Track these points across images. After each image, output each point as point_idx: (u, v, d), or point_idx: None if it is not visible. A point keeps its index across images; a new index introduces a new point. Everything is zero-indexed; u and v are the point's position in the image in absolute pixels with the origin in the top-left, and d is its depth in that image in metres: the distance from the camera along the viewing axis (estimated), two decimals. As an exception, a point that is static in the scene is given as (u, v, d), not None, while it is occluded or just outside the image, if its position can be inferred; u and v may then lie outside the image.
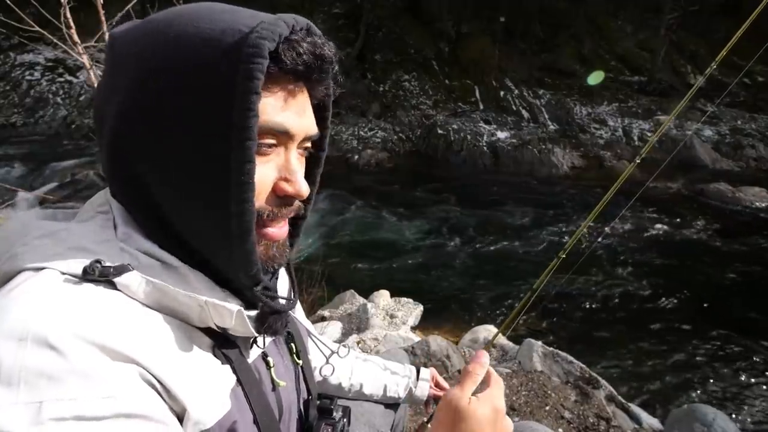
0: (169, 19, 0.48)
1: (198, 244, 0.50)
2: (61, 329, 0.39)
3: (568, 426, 2.12)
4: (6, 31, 2.31)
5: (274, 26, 0.45)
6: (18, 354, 0.36)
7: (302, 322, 0.77)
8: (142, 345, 0.42)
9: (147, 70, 0.47)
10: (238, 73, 0.44)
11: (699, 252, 6.28)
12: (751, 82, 13.24)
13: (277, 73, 0.47)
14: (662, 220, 7.28)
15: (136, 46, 0.48)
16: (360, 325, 2.99)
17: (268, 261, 0.53)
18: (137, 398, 0.40)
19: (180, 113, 0.46)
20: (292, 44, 0.47)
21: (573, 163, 10.00)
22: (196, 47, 0.45)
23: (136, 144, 0.48)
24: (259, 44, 0.44)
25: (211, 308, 0.47)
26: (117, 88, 0.48)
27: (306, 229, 0.64)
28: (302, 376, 0.71)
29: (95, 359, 0.39)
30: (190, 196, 0.48)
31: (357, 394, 0.99)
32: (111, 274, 0.44)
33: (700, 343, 4.25)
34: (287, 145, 0.51)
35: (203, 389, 0.47)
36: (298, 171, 0.52)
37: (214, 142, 0.45)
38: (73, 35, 1.84)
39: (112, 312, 0.43)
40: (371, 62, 12.73)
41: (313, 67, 0.49)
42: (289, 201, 0.53)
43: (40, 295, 0.41)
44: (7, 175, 7.82)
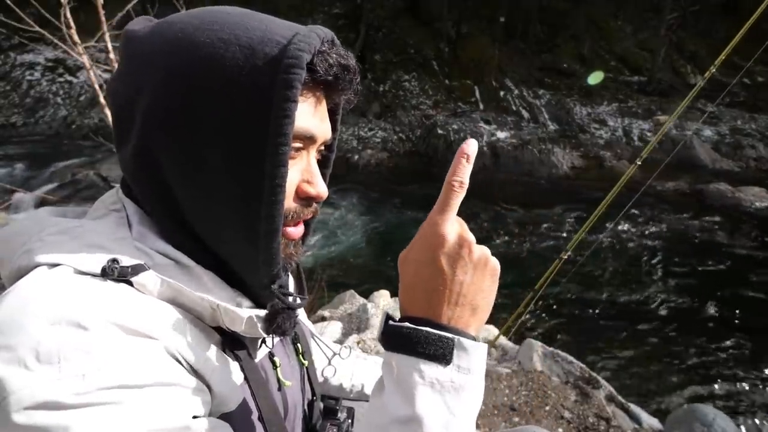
0: (195, 24, 0.49)
1: (218, 245, 0.52)
2: (90, 312, 0.40)
3: (568, 426, 2.12)
4: (6, 31, 2.32)
5: (309, 38, 0.47)
6: (54, 334, 0.38)
7: (305, 323, 0.78)
8: (161, 327, 0.44)
9: (178, 75, 0.47)
10: (277, 82, 0.45)
11: (699, 252, 6.28)
12: (751, 82, 13.25)
13: (310, 83, 0.49)
14: (662, 221, 7.28)
15: (163, 48, 0.48)
16: (360, 325, 2.99)
17: (286, 259, 0.55)
18: (168, 368, 0.43)
19: (215, 119, 0.46)
20: (324, 56, 0.49)
21: (573, 163, 10.00)
22: (234, 55, 0.46)
23: (165, 147, 0.48)
24: (299, 56, 0.46)
25: (223, 312, 0.48)
26: (143, 90, 0.48)
27: None
28: (307, 377, 0.72)
29: (126, 336, 0.41)
30: (219, 200, 0.49)
31: (358, 394, 0.98)
32: (129, 274, 0.45)
33: (700, 344, 4.25)
34: (309, 148, 0.53)
35: (222, 374, 0.49)
36: (318, 173, 0.54)
37: (249, 147, 0.46)
38: (73, 35, 1.84)
39: (132, 301, 0.44)
40: (371, 62, 12.72)
41: (340, 77, 0.51)
42: (309, 202, 0.55)
43: (64, 285, 0.43)
44: (7, 175, 7.82)
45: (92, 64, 1.92)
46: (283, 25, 0.50)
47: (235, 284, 0.54)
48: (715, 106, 11.49)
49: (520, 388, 2.31)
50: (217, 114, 0.46)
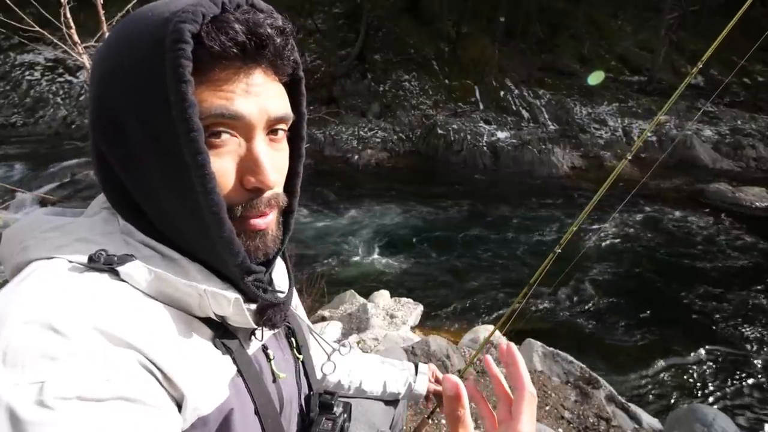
0: (127, 18, 0.48)
1: (182, 241, 0.51)
2: (65, 314, 0.40)
3: (568, 426, 2.12)
4: (6, 31, 2.32)
5: (196, 7, 0.43)
6: (23, 336, 0.38)
7: (303, 318, 0.77)
8: (142, 332, 0.43)
9: (102, 73, 0.47)
10: (165, 63, 0.42)
11: (699, 252, 6.28)
12: (751, 82, 13.25)
13: (209, 57, 0.44)
14: (662, 221, 7.28)
15: (99, 51, 0.49)
16: (360, 325, 2.99)
17: (254, 251, 0.52)
18: (136, 383, 0.41)
19: (132, 113, 0.45)
20: (221, 24, 0.44)
21: (573, 163, 10.00)
22: (134, 42, 0.45)
23: (106, 149, 0.49)
24: (179, 29, 0.42)
25: (210, 296, 0.48)
26: (90, 98, 0.50)
27: (307, 228, 0.64)
28: (303, 371, 0.71)
29: (97, 343, 0.40)
30: (164, 195, 0.48)
31: (357, 390, 0.99)
32: (115, 263, 0.45)
33: (700, 344, 4.25)
34: (248, 133, 0.49)
35: (202, 377, 0.48)
36: (263, 160, 0.49)
37: (166, 138, 0.44)
38: (73, 35, 1.84)
39: (114, 300, 0.44)
40: (371, 62, 12.72)
41: (247, 46, 0.45)
42: (257, 193, 0.50)
43: (46, 283, 0.43)
44: (7, 175, 7.82)
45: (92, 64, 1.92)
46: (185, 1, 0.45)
47: (225, 279, 0.52)
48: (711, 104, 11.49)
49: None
50: (133, 107, 0.45)
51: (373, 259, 5.96)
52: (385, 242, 6.48)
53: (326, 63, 12.52)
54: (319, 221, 6.92)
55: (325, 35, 13.31)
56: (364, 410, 0.98)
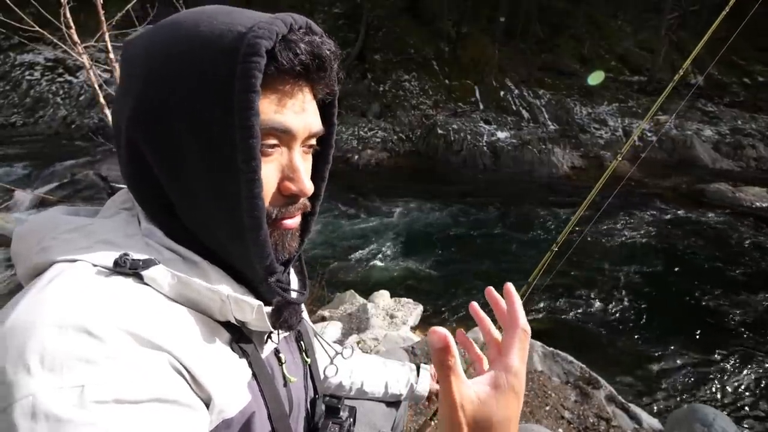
0: (175, 24, 0.50)
1: (211, 241, 0.52)
2: (99, 318, 0.41)
3: (568, 426, 2.12)
4: (6, 31, 2.32)
5: (270, 25, 0.46)
6: (60, 340, 0.38)
7: (308, 322, 0.78)
8: (170, 335, 0.44)
9: (153, 76, 0.48)
10: (236, 72, 0.44)
11: (699, 252, 6.28)
12: (751, 82, 13.25)
13: (276, 73, 0.47)
14: (662, 221, 7.28)
15: (144, 52, 0.49)
16: (360, 325, 2.99)
17: (280, 250, 0.55)
18: (169, 384, 0.42)
19: (185, 116, 0.47)
20: (290, 44, 0.47)
21: (573, 163, 10.00)
22: (195, 50, 0.46)
23: (150, 149, 0.49)
24: (256, 43, 0.44)
25: (233, 302, 0.49)
26: (128, 95, 0.50)
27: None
28: (310, 375, 0.72)
29: (130, 346, 0.41)
30: (203, 196, 0.49)
31: (358, 392, 0.99)
32: (140, 267, 0.46)
33: (700, 344, 4.25)
34: (290, 144, 0.52)
35: (226, 380, 0.49)
36: (302, 170, 0.53)
37: (219, 142, 0.46)
38: (73, 35, 1.83)
39: (142, 304, 0.45)
40: (371, 62, 12.73)
41: (310, 66, 0.49)
42: (294, 199, 0.54)
43: (75, 286, 0.43)
44: (7, 175, 7.82)
45: (92, 64, 1.92)
46: (250, 16, 0.48)
47: (241, 281, 0.54)
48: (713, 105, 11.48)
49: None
50: (187, 111, 0.46)
51: (373, 259, 5.96)
52: (384, 242, 6.48)
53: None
54: (318, 221, 6.91)
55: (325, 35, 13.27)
56: (366, 411, 0.98)
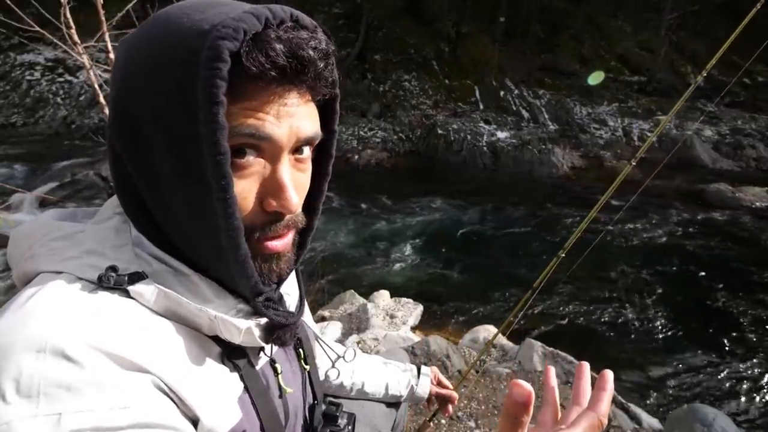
0: (155, 21, 0.45)
1: (198, 257, 0.49)
2: (78, 340, 0.39)
3: (568, 426, 2.11)
4: (6, 31, 2.32)
5: (237, 22, 0.40)
6: (37, 366, 0.36)
7: (310, 326, 0.76)
8: (155, 355, 0.42)
9: (127, 76, 0.44)
10: (198, 80, 0.39)
11: (699, 252, 6.28)
12: (751, 82, 13.25)
13: (246, 77, 0.41)
14: (662, 221, 7.28)
15: (126, 49, 0.46)
16: (360, 325, 2.99)
17: (267, 273, 0.50)
18: (152, 407, 0.40)
19: (156, 127, 0.43)
20: (262, 44, 0.41)
21: (573, 163, 10.00)
22: (166, 49, 0.42)
23: (128, 159, 0.47)
24: (217, 46, 0.39)
25: (220, 323, 0.47)
26: (110, 95, 0.47)
27: None
28: (309, 381, 0.71)
29: (111, 370, 0.39)
30: (180, 213, 0.46)
31: (359, 393, 0.98)
32: (125, 283, 0.44)
33: (700, 344, 4.25)
34: (274, 155, 0.46)
35: (215, 398, 0.47)
36: (287, 184, 0.47)
37: (188, 157, 0.42)
38: (73, 35, 1.84)
39: (127, 322, 0.43)
40: (371, 62, 12.72)
41: (287, 69, 0.42)
42: (279, 216, 0.48)
43: (57, 303, 0.41)
44: (7, 175, 7.82)
45: (92, 64, 1.92)
46: (222, 8, 0.42)
47: (235, 293, 0.51)
48: (714, 105, 11.49)
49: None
50: (157, 122, 0.42)
51: (373, 259, 5.96)
52: (384, 242, 6.48)
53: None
54: (318, 221, 6.91)
55: (325, 35, 13.27)
56: (366, 412, 0.98)
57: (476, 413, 2.11)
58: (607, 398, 0.45)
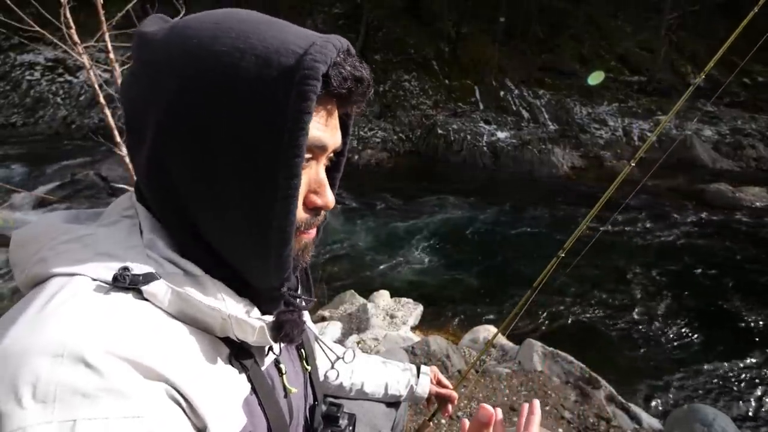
0: (211, 31, 0.47)
1: (230, 254, 0.51)
2: (96, 346, 0.39)
3: (568, 426, 2.12)
4: (6, 31, 2.32)
5: (325, 49, 0.47)
6: (54, 371, 0.37)
7: (309, 327, 0.77)
8: (169, 360, 0.43)
9: (193, 85, 0.46)
10: (291, 93, 0.45)
11: (699, 252, 6.28)
12: (751, 82, 13.25)
13: (324, 94, 0.48)
14: (662, 221, 7.28)
15: (178, 55, 0.47)
16: (360, 325, 2.99)
17: (298, 259, 0.55)
18: (163, 418, 0.41)
19: (228, 131, 0.46)
20: (339, 68, 0.48)
21: (573, 163, 10.00)
22: (249, 65, 0.45)
23: (178, 158, 0.48)
24: (315, 67, 0.45)
25: (234, 322, 0.49)
26: (157, 98, 0.47)
27: None
28: (310, 382, 0.72)
29: (128, 377, 0.40)
30: (232, 211, 0.48)
31: (358, 393, 0.98)
32: (140, 282, 0.45)
33: (700, 343, 4.25)
34: (319, 159, 0.53)
35: (223, 403, 0.49)
36: (326, 183, 0.54)
37: (262, 159, 0.46)
38: (73, 35, 1.84)
39: (143, 326, 0.44)
40: (371, 62, 12.72)
41: (354, 89, 0.50)
42: (318, 212, 0.55)
43: (75, 309, 0.42)
44: (7, 175, 7.82)
45: (92, 64, 1.92)
46: (299, 34, 0.49)
47: (243, 293, 0.53)
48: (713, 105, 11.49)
49: (520, 388, 2.31)
50: (231, 126, 0.45)
51: (373, 259, 5.96)
52: (384, 242, 6.49)
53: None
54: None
55: (325, 35, 13.28)
56: (366, 412, 0.98)
57: (476, 413, 2.11)
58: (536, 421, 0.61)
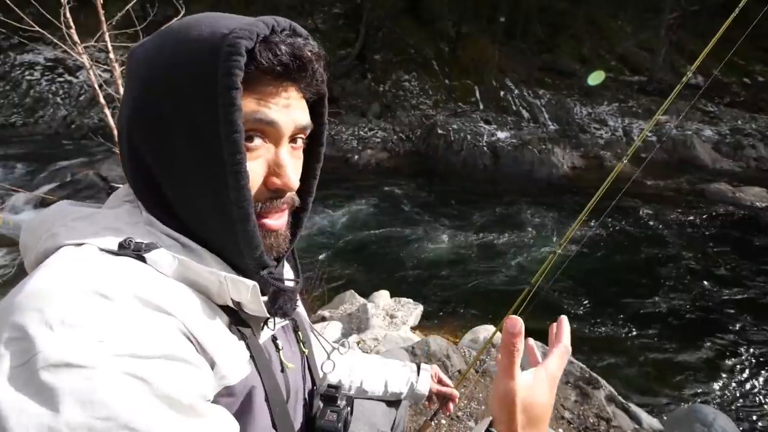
0: (170, 30, 0.54)
1: (206, 234, 0.55)
2: (112, 284, 0.44)
3: (568, 426, 2.12)
4: (6, 31, 2.32)
5: (252, 26, 0.49)
6: (78, 302, 0.42)
7: (305, 318, 0.80)
8: (176, 305, 0.48)
9: (150, 75, 0.52)
10: (218, 70, 0.48)
11: (699, 252, 6.28)
12: (751, 82, 13.25)
13: (257, 72, 0.51)
14: (662, 221, 7.28)
15: (145, 54, 0.54)
16: (360, 326, 2.99)
17: (268, 250, 0.57)
18: (178, 344, 0.46)
19: (176, 114, 0.50)
20: (270, 45, 0.51)
21: (573, 163, 10.00)
22: (187, 51, 0.50)
23: (145, 145, 0.53)
24: (236, 43, 0.48)
25: (230, 283, 0.51)
26: (127, 98, 0.54)
27: (307, 228, 0.66)
28: (308, 365, 0.75)
29: (143, 309, 0.45)
30: (194, 190, 0.52)
31: (358, 390, 0.99)
32: (143, 249, 0.49)
33: (700, 343, 4.25)
34: (277, 140, 0.55)
35: (228, 351, 0.52)
36: (288, 165, 0.56)
37: (206, 137, 0.49)
38: (73, 35, 1.84)
39: (147, 279, 0.48)
40: (371, 62, 12.73)
41: (291, 66, 0.52)
42: (280, 193, 0.57)
43: (88, 259, 0.47)
44: (7, 175, 7.82)
45: (92, 64, 1.92)
46: (235, 19, 0.52)
47: (237, 270, 0.56)
48: (715, 105, 11.48)
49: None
50: (177, 109, 0.50)
51: (373, 259, 5.96)
52: (385, 242, 6.49)
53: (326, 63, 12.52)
54: (319, 221, 6.92)
55: (325, 35, 13.30)
56: (365, 410, 0.98)
57: (476, 413, 2.11)
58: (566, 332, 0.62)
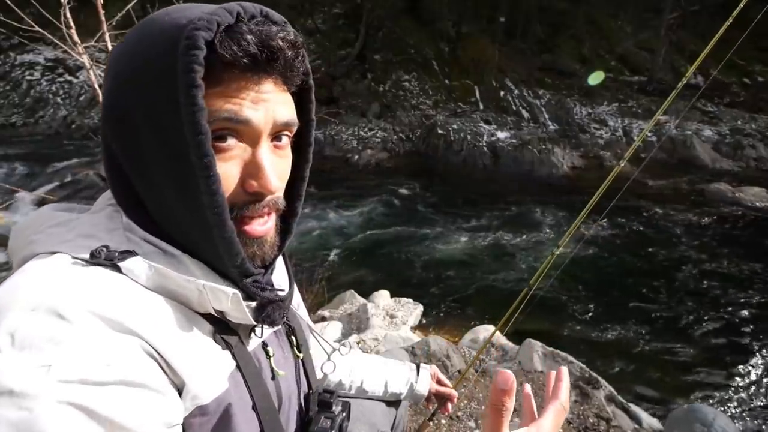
0: (146, 20, 0.50)
1: (185, 240, 0.51)
2: (70, 302, 0.41)
3: (568, 426, 2.12)
4: (6, 31, 2.31)
5: (212, 15, 0.45)
6: (31, 322, 0.39)
7: (304, 319, 0.78)
8: (143, 320, 0.44)
9: (117, 71, 0.49)
10: (177, 67, 0.43)
11: (699, 252, 6.28)
12: (751, 82, 13.25)
13: (223, 66, 0.45)
14: (662, 220, 7.28)
15: (118, 50, 0.50)
16: (360, 326, 2.99)
17: (251, 258, 0.53)
18: (137, 368, 0.42)
19: (143, 114, 0.46)
20: (234, 34, 0.45)
21: (573, 163, 10.00)
22: (150, 45, 0.46)
23: (117, 146, 0.50)
24: (194, 35, 0.43)
25: (209, 291, 0.48)
26: (104, 92, 0.51)
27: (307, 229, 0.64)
28: (303, 370, 0.72)
29: (100, 329, 0.41)
30: (168, 195, 0.49)
31: (358, 390, 0.98)
32: (116, 258, 0.46)
33: (700, 343, 4.25)
34: (254, 139, 0.50)
35: (201, 367, 0.49)
36: (266, 166, 0.50)
37: (173, 140, 0.45)
38: (73, 35, 1.84)
39: (117, 290, 0.45)
40: (371, 62, 12.72)
41: (259, 56, 0.46)
42: (259, 197, 0.51)
43: (50, 273, 0.44)
44: (7, 175, 7.82)
45: (92, 64, 1.92)
46: (198, 8, 0.47)
47: (223, 275, 0.53)
48: (715, 105, 11.48)
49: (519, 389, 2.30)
50: (144, 109, 0.46)
51: (373, 259, 5.96)
52: (385, 242, 6.48)
53: (326, 63, 12.51)
54: (319, 221, 6.92)
55: (325, 35, 13.30)
56: (365, 410, 0.98)
57: (476, 413, 2.11)
58: (564, 387, 0.53)
